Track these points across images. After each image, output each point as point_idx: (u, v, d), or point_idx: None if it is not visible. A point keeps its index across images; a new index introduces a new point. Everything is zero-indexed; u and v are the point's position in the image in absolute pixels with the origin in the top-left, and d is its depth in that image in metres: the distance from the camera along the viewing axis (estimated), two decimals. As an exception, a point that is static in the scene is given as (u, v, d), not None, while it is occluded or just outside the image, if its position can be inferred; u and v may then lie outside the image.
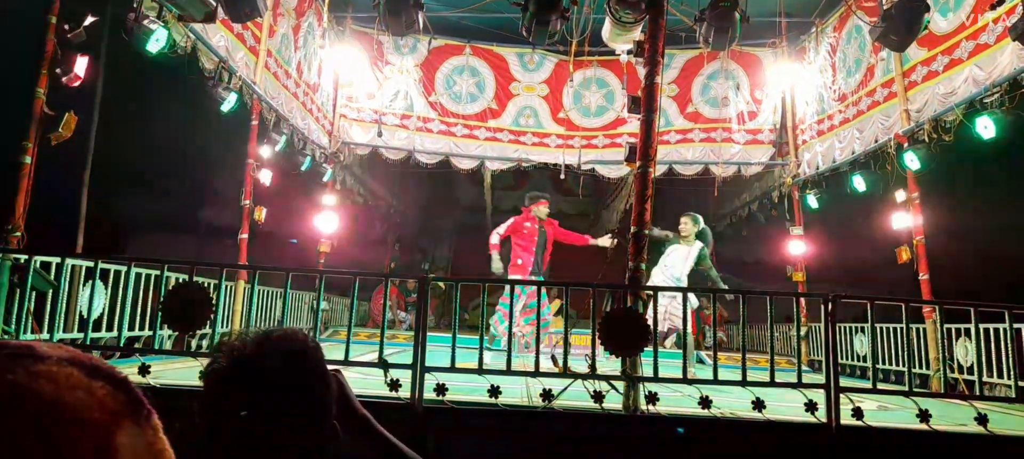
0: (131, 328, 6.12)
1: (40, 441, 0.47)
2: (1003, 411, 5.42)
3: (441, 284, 12.59)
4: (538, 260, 8.38)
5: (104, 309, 5.89)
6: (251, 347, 1.16)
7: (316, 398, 1.18)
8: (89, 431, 0.49)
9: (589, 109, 12.09)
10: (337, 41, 11.03)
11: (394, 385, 4.24)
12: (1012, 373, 6.22)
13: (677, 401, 4.82)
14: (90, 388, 0.52)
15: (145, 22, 6.09)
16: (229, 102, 7.55)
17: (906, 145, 8.05)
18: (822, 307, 4.57)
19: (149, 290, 6.42)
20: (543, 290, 7.35)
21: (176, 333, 5.67)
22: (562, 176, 11.97)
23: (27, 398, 0.48)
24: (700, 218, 8.15)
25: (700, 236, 8.04)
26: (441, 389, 4.24)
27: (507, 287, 7.78)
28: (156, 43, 6.21)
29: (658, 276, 7.82)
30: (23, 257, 4.83)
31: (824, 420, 4.30)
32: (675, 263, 7.89)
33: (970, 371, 6.99)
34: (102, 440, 0.50)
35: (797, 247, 10.75)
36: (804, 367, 5.16)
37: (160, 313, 4.46)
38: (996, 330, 6.64)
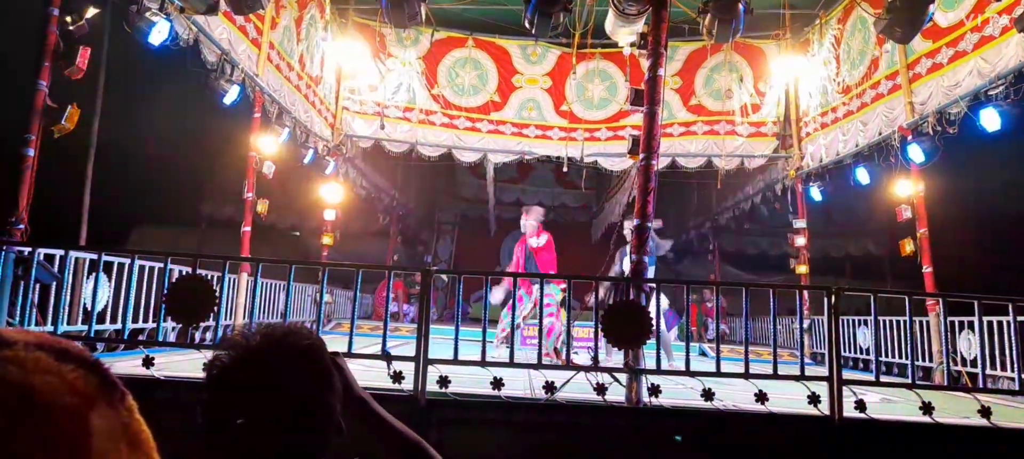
0: (135, 320, 6.14)
1: (10, 428, 0.46)
2: (1006, 404, 5.41)
3: (444, 277, 12.60)
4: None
5: (108, 301, 5.90)
6: (255, 344, 1.16)
7: (320, 396, 1.18)
8: (61, 415, 0.49)
9: (592, 101, 12.06)
10: (339, 33, 11.00)
11: (397, 377, 4.24)
12: (1015, 366, 6.20)
13: (680, 393, 4.82)
14: (60, 372, 0.51)
15: (147, 14, 6.08)
16: (231, 95, 7.54)
17: (910, 137, 8.02)
18: (825, 300, 4.56)
19: (153, 282, 6.43)
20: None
21: (179, 325, 5.68)
22: (565, 169, 11.96)
23: None
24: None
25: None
26: (444, 381, 4.25)
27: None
28: (158, 35, 6.20)
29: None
30: (27, 249, 4.84)
31: (827, 412, 4.30)
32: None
33: (973, 364, 6.98)
34: (75, 423, 0.49)
35: (800, 240, 10.73)
36: (807, 360, 5.15)
37: (163, 305, 4.46)
38: (1000, 323, 6.63)
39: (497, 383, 4.29)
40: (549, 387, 4.33)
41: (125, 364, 4.60)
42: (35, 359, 0.51)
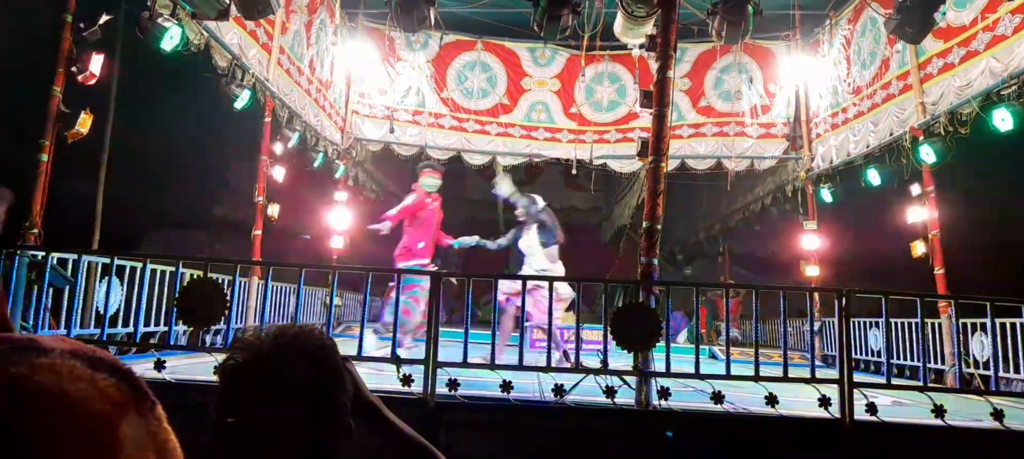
0: (146, 324, 6.18)
1: (42, 434, 0.47)
2: (1019, 406, 5.36)
3: (453, 280, 12.62)
4: (430, 244, 7.54)
5: (120, 305, 5.95)
6: (268, 344, 1.17)
7: (332, 396, 1.19)
8: (92, 423, 0.50)
9: (601, 104, 12.06)
10: (349, 37, 11.05)
11: (407, 380, 4.26)
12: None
13: (690, 396, 4.81)
14: (93, 380, 0.52)
15: (159, 20, 6.13)
16: (242, 99, 7.59)
17: (921, 138, 7.97)
18: (836, 302, 4.54)
19: (164, 286, 6.48)
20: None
21: (191, 329, 5.72)
22: (574, 171, 11.96)
23: (29, 391, 0.49)
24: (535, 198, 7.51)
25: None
26: (453, 384, 4.26)
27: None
28: (170, 41, 6.25)
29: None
30: (40, 254, 4.89)
31: (838, 415, 4.28)
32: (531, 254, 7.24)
33: (986, 366, 6.93)
34: (106, 432, 0.50)
35: (811, 241, 10.68)
36: (818, 362, 5.12)
37: (175, 309, 4.49)
38: (1013, 325, 6.59)
39: (506, 386, 4.30)
40: (558, 390, 4.34)
41: (137, 367, 4.59)
42: (70, 366, 0.52)
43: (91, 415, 0.50)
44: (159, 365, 4.31)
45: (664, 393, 4.31)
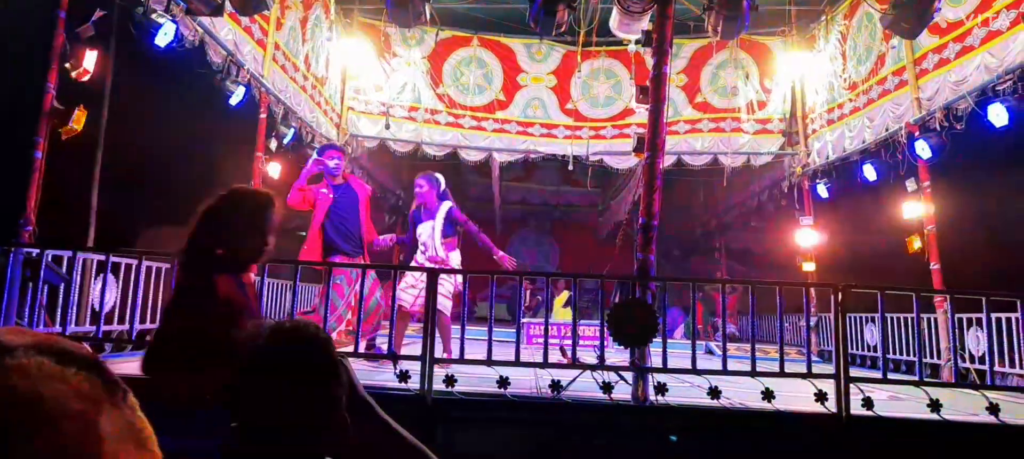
0: (142, 321, 6.16)
1: (23, 440, 0.46)
2: (1015, 401, 5.38)
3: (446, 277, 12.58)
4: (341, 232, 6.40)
5: (115, 302, 5.93)
6: (264, 340, 1.17)
7: (327, 390, 1.19)
8: (72, 424, 0.48)
9: (597, 100, 12.05)
10: (344, 33, 11.02)
11: (404, 376, 4.25)
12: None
13: (686, 392, 4.82)
14: (65, 377, 0.51)
15: (153, 16, 6.11)
16: (237, 95, 7.58)
17: (917, 133, 7.99)
18: (832, 297, 4.55)
19: (160, 283, 6.46)
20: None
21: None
22: (570, 167, 11.94)
23: (5, 397, 0.47)
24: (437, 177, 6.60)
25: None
26: (450, 380, 4.25)
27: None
28: (164, 37, 6.23)
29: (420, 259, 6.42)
30: (35, 251, 4.87)
31: (834, 410, 4.29)
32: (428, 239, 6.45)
33: (982, 361, 6.95)
34: (86, 430, 0.49)
35: (807, 237, 10.70)
36: (814, 357, 5.13)
37: (171, 306, 4.48)
38: (1008, 319, 6.61)
39: (503, 382, 4.30)
40: (555, 386, 4.34)
41: (133, 365, 4.62)
42: (38, 365, 0.50)
43: (70, 415, 0.49)
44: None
45: (661, 389, 4.32)
